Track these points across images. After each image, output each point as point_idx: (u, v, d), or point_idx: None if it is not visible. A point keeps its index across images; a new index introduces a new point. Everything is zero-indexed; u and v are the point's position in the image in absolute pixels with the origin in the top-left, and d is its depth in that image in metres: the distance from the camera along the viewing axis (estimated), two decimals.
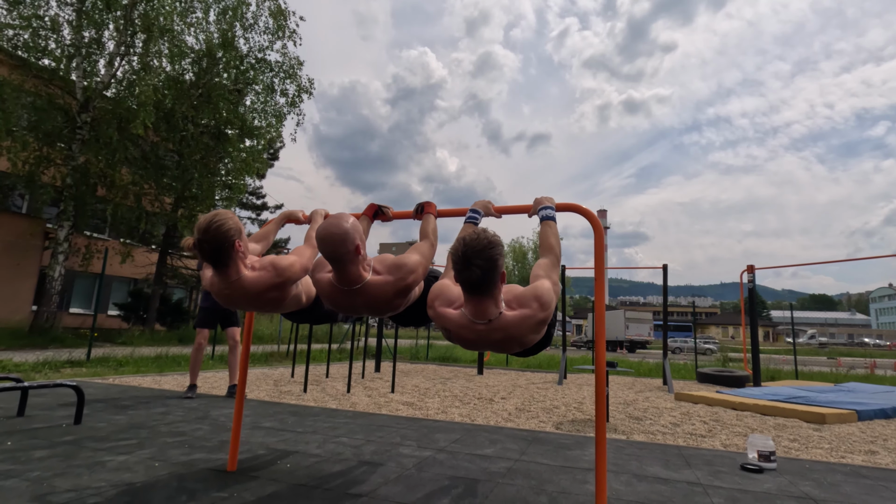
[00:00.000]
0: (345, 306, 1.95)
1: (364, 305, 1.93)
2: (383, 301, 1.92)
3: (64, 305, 17.94)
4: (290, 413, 4.34)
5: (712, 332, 75.80)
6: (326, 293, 1.95)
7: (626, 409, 5.93)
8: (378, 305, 1.94)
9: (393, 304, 1.95)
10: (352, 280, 1.86)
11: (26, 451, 2.69)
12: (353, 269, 1.85)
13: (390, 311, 2.02)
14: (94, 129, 13.63)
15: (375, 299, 1.90)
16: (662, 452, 3.43)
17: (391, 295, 1.91)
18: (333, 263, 1.86)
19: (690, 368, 13.45)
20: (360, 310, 1.99)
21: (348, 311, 2.04)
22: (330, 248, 1.80)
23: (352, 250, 1.81)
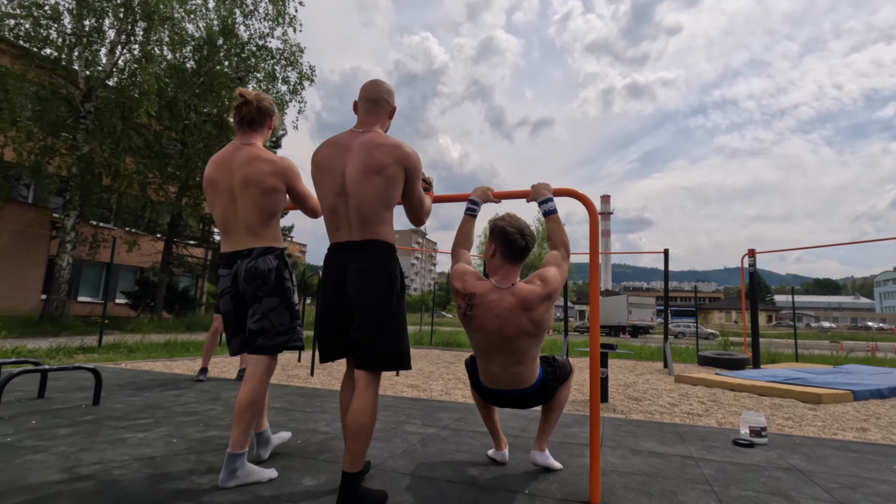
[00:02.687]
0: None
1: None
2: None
3: (72, 294, 18.17)
4: (298, 395, 4.48)
5: (715, 317, 75.93)
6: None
7: (626, 390, 6.06)
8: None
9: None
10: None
11: (51, 429, 2.83)
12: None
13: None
14: (98, 119, 13.70)
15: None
16: (659, 429, 3.55)
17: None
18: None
19: (692, 352, 13.59)
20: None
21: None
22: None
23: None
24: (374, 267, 1.88)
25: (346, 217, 1.89)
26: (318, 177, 1.95)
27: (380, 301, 1.86)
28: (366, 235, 1.89)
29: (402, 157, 1.88)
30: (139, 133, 14.28)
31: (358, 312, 1.86)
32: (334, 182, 1.89)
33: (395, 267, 1.94)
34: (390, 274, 1.90)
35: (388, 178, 1.86)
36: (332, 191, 1.90)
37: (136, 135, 14.09)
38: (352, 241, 1.90)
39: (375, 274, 1.87)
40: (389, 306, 1.88)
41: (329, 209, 1.93)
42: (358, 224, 1.88)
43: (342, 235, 1.92)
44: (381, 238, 1.91)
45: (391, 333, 1.88)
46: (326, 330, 1.97)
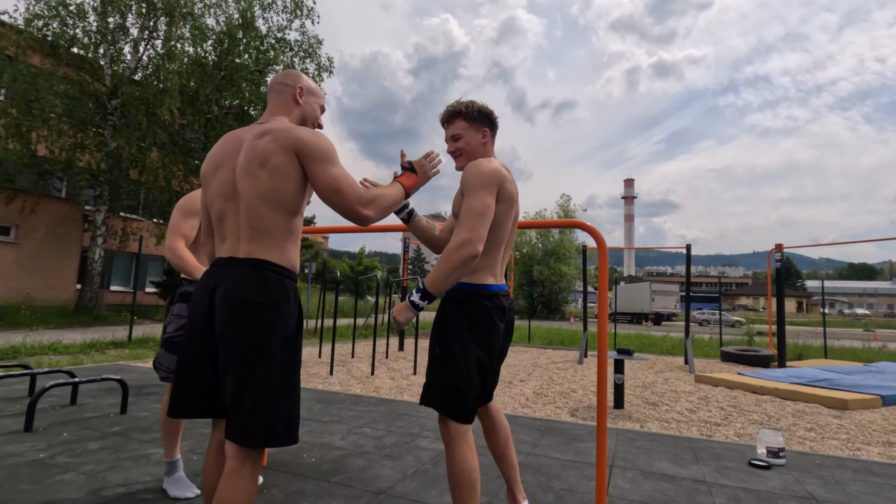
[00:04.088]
0: None
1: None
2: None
3: (105, 283, 18.86)
4: (316, 400, 4.59)
5: (742, 303, 74.20)
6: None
7: (644, 392, 6.01)
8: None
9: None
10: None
11: (81, 443, 2.97)
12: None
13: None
14: (124, 115, 14.02)
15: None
16: (673, 445, 3.52)
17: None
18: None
19: (715, 345, 13.35)
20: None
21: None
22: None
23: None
24: (248, 294, 1.40)
25: (235, 225, 1.49)
26: (207, 177, 1.58)
27: (252, 343, 1.37)
28: (252, 251, 1.45)
29: (289, 140, 1.46)
30: (163, 128, 14.57)
31: (222, 357, 1.41)
32: (223, 182, 1.53)
33: (281, 296, 1.44)
34: (272, 306, 1.41)
35: (275, 170, 1.44)
36: (219, 192, 1.53)
37: (160, 130, 14.39)
38: (235, 257, 1.47)
39: (249, 305, 1.39)
40: (263, 352, 1.37)
41: (217, 215, 1.54)
42: (247, 233, 1.46)
43: (226, 249, 1.51)
44: (271, 258, 1.46)
45: (266, 392, 1.36)
46: (187, 372, 1.48)
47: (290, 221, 1.51)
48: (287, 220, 1.50)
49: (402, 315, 1.68)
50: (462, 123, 1.88)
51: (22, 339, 7.86)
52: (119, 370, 5.83)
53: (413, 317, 1.69)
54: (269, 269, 1.45)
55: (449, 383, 1.72)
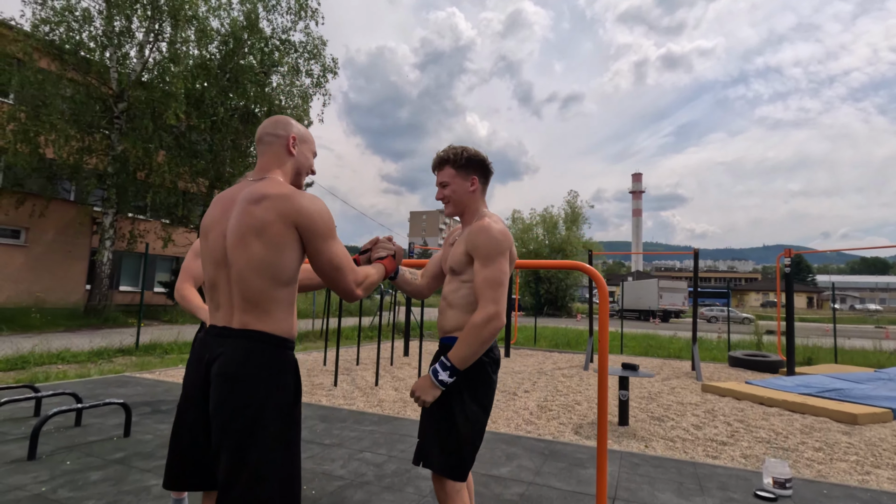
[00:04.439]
0: None
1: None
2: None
3: (114, 284, 19.04)
4: (319, 418, 4.59)
5: (751, 300, 73.62)
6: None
7: (649, 405, 5.96)
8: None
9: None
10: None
11: (83, 473, 2.98)
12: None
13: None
14: (130, 119, 14.09)
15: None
16: (678, 472, 3.48)
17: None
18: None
19: (723, 347, 13.24)
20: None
21: None
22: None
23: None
24: (244, 370, 1.35)
25: (228, 294, 1.43)
26: (202, 242, 1.52)
27: (247, 423, 1.31)
28: (247, 322, 1.39)
29: (288, 210, 1.39)
30: (169, 132, 14.63)
31: (215, 436, 1.35)
32: (215, 247, 1.45)
33: (279, 370, 1.39)
34: (269, 381, 1.36)
35: (271, 241, 1.38)
36: (212, 259, 1.46)
37: (166, 134, 14.45)
38: (229, 327, 1.42)
39: (245, 382, 1.34)
40: (259, 432, 1.31)
41: (210, 283, 1.48)
42: (240, 303, 1.40)
43: (221, 317, 1.45)
44: (267, 329, 1.40)
45: (262, 474, 1.30)
46: (180, 444, 1.46)
47: (285, 291, 1.44)
48: (282, 291, 1.43)
49: (429, 394, 1.65)
50: (450, 171, 1.85)
51: (31, 346, 7.94)
52: (125, 382, 5.87)
53: (438, 394, 1.66)
54: (266, 341, 1.39)
55: (448, 445, 1.68)
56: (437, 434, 1.70)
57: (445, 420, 1.69)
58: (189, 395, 1.43)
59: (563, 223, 38.70)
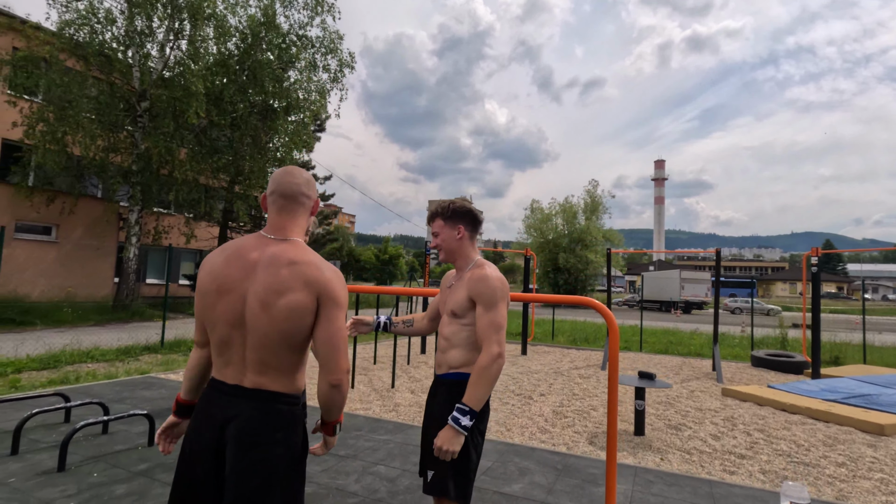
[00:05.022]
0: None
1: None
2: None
3: (141, 277, 19.61)
4: None
5: (777, 290, 71.81)
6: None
7: (667, 411, 5.90)
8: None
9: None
10: None
11: (109, 486, 3.11)
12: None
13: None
14: (153, 118, 14.36)
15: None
16: (692, 491, 3.45)
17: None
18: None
19: (746, 345, 12.97)
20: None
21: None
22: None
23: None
24: (263, 435, 1.39)
25: (241, 354, 1.43)
26: (208, 296, 1.45)
27: (266, 485, 1.37)
28: (261, 383, 1.42)
29: (316, 280, 1.41)
30: (190, 130, 14.87)
31: (231, 496, 1.37)
32: (230, 309, 1.42)
33: (293, 428, 1.44)
34: (286, 441, 1.41)
35: (294, 308, 1.39)
36: (225, 319, 1.42)
37: (187, 132, 14.69)
38: (241, 386, 1.42)
39: (265, 445, 1.38)
40: (276, 491, 1.38)
41: (220, 341, 1.44)
42: (255, 365, 1.42)
43: (230, 374, 1.44)
44: (281, 389, 1.43)
45: None
46: (186, 501, 1.45)
47: (300, 355, 1.47)
48: (297, 355, 1.46)
49: (455, 444, 1.76)
50: (439, 222, 2.03)
51: (63, 345, 8.25)
52: (150, 384, 6.06)
53: (463, 440, 1.78)
54: (280, 402, 1.42)
55: (462, 474, 1.84)
56: (452, 466, 1.83)
57: (462, 452, 1.83)
58: (196, 452, 1.43)
59: (583, 213, 38.21)
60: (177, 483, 1.45)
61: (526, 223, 39.68)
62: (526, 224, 39.67)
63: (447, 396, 1.92)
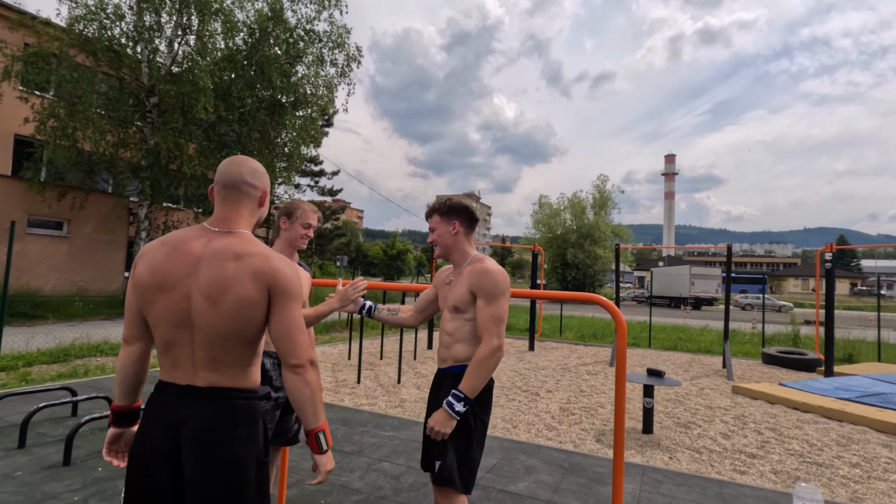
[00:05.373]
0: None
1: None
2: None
3: None
4: (340, 421, 4.65)
5: (789, 286, 70.93)
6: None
7: (676, 409, 5.81)
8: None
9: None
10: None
11: (113, 482, 3.11)
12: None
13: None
14: (161, 113, 14.43)
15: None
16: (702, 491, 3.38)
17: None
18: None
19: (756, 342, 12.80)
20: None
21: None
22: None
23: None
24: (221, 433, 1.31)
25: (189, 354, 1.34)
26: (148, 292, 1.35)
27: (231, 483, 1.30)
28: (215, 380, 1.34)
29: (262, 272, 1.33)
30: (198, 125, 14.92)
31: (194, 501, 1.29)
32: (172, 308, 1.33)
33: (252, 422, 1.36)
34: (246, 437, 1.34)
35: (241, 301, 1.32)
36: (167, 319, 1.34)
37: (195, 127, 14.74)
38: (195, 386, 1.34)
39: (224, 444, 1.31)
40: (242, 490, 1.31)
41: (165, 342, 1.36)
42: (206, 363, 1.34)
43: (180, 375, 1.35)
44: (235, 384, 1.36)
45: None
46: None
47: (253, 348, 1.40)
48: (251, 349, 1.39)
49: (447, 427, 1.83)
50: (436, 218, 2.07)
51: (72, 339, 8.33)
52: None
53: (455, 424, 1.84)
54: (238, 397, 1.35)
55: (468, 465, 1.89)
56: (458, 456, 1.88)
57: (467, 443, 1.89)
58: (149, 459, 1.31)
59: (592, 208, 37.93)
60: (129, 495, 1.34)
61: (534, 218, 39.51)
62: (534, 219, 39.50)
63: (454, 387, 1.92)
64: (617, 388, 2.08)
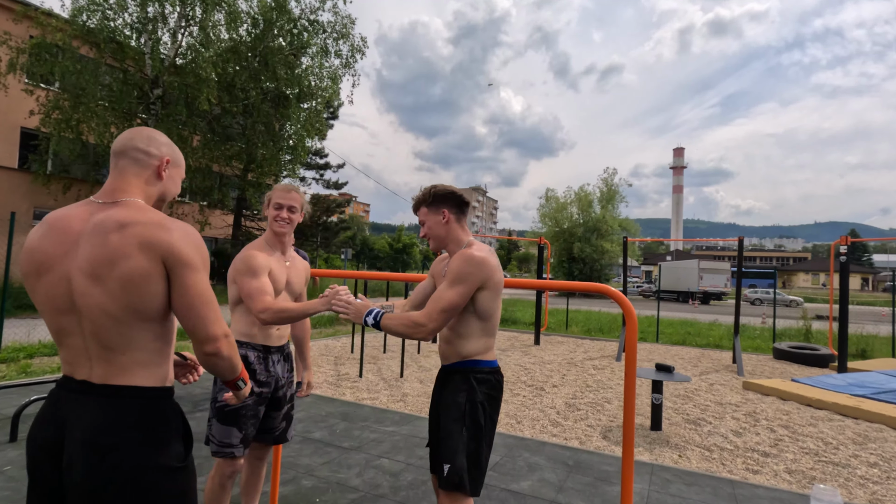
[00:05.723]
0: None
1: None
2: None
3: None
4: (340, 416, 4.55)
5: (799, 280, 70.19)
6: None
7: (685, 405, 5.66)
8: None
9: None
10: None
11: None
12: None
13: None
14: (165, 105, 14.35)
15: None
16: (713, 492, 3.24)
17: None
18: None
19: (767, 336, 12.58)
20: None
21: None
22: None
23: None
24: (114, 436, 1.14)
25: (81, 344, 1.19)
26: (29, 279, 1.21)
27: (129, 498, 1.13)
28: (110, 375, 1.17)
29: (152, 241, 1.15)
30: (202, 117, 14.84)
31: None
32: (52, 293, 1.18)
33: (158, 423, 1.19)
34: (148, 441, 1.17)
35: (130, 277, 1.14)
36: (52, 305, 1.19)
37: (199, 119, 14.66)
38: (89, 381, 1.18)
39: (118, 450, 1.14)
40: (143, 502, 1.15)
41: (55, 332, 1.21)
42: (99, 353, 1.17)
43: (76, 369, 1.20)
44: (135, 381, 1.18)
45: None
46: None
47: (153, 333, 1.22)
48: (149, 333, 1.21)
49: (354, 316, 1.80)
50: (423, 210, 1.95)
51: None
52: None
53: (353, 322, 1.81)
54: (136, 396, 1.18)
55: (478, 467, 1.79)
56: (470, 458, 1.78)
57: (478, 443, 1.79)
58: (40, 462, 1.17)
59: (599, 202, 37.59)
60: (29, 495, 1.22)
61: (541, 212, 39.24)
62: (541, 213, 39.23)
63: (462, 384, 1.84)
64: (626, 383, 1.94)
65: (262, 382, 2.08)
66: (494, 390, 1.87)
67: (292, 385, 2.31)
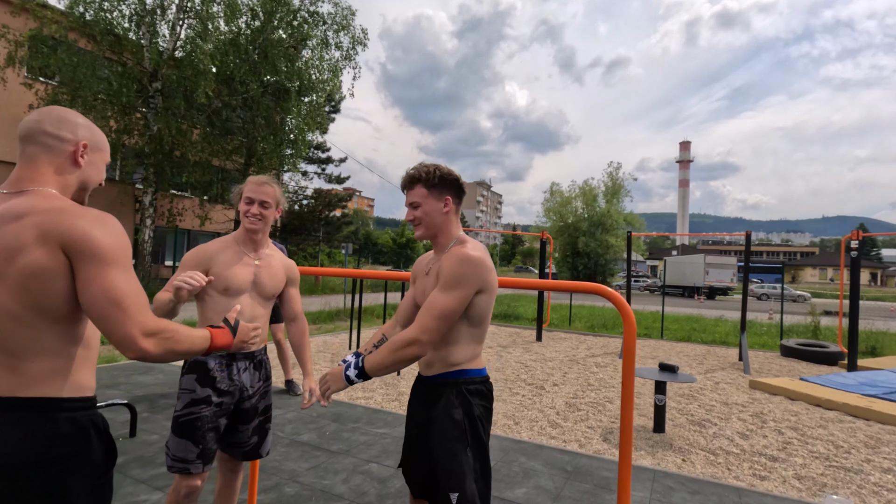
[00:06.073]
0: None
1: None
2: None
3: (160, 259, 19.81)
4: (332, 417, 4.41)
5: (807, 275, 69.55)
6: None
7: (690, 405, 5.49)
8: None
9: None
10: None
11: None
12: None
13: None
14: (164, 99, 14.23)
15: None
16: (718, 500, 3.07)
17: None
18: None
19: (774, 333, 12.34)
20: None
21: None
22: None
23: None
24: (21, 457, 1.02)
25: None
26: None
27: None
28: (15, 386, 1.04)
29: (53, 231, 1.04)
30: (201, 111, 14.71)
31: None
32: None
33: (75, 438, 1.08)
34: (63, 457, 1.05)
35: (31, 272, 1.02)
36: None
37: (199, 113, 14.53)
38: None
39: (26, 471, 1.02)
40: None
41: None
42: (4, 361, 1.04)
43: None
44: (46, 392, 1.06)
45: None
46: None
47: (69, 333, 1.09)
48: (65, 334, 1.08)
49: (336, 385, 1.60)
50: (422, 190, 1.69)
51: None
52: (149, 369, 5.90)
53: (344, 388, 1.61)
54: (48, 408, 1.05)
55: (486, 484, 1.62)
56: (477, 480, 1.60)
57: (482, 463, 1.62)
58: None
59: (603, 196, 37.27)
60: None
61: (545, 206, 39.02)
62: (545, 207, 39.00)
63: (456, 398, 1.62)
64: (624, 390, 1.78)
65: (224, 392, 1.92)
66: (487, 401, 1.71)
67: (266, 396, 2.11)
